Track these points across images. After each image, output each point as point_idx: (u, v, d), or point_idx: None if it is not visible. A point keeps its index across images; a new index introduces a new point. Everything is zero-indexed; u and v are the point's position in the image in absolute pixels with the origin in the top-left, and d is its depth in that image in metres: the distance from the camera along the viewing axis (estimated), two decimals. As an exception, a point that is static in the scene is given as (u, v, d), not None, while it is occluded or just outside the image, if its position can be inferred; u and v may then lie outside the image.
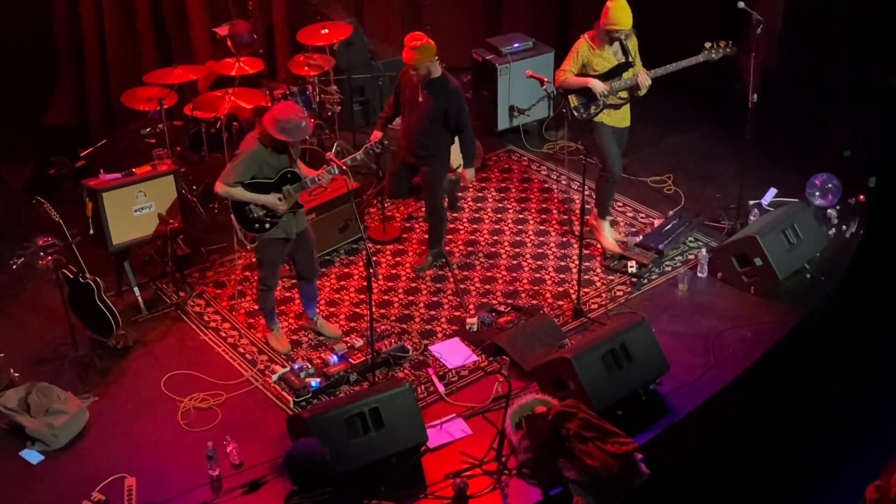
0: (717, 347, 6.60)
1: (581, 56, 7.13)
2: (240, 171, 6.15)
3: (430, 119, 6.99)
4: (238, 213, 6.25)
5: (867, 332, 7.25)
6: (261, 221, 6.26)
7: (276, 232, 6.32)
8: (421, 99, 6.93)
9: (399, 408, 5.70)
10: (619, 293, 7.22)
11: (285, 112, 6.11)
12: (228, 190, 6.15)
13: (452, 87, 6.99)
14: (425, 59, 6.79)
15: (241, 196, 6.17)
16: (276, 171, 6.24)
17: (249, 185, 6.18)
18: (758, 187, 8.11)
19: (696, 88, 9.80)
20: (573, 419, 5.56)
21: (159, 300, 7.21)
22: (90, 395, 6.32)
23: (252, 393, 6.36)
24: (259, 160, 6.18)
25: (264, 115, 6.19)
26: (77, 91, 9.20)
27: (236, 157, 6.25)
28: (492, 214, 8.25)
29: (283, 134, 6.06)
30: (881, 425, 6.66)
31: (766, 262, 6.97)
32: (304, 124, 6.15)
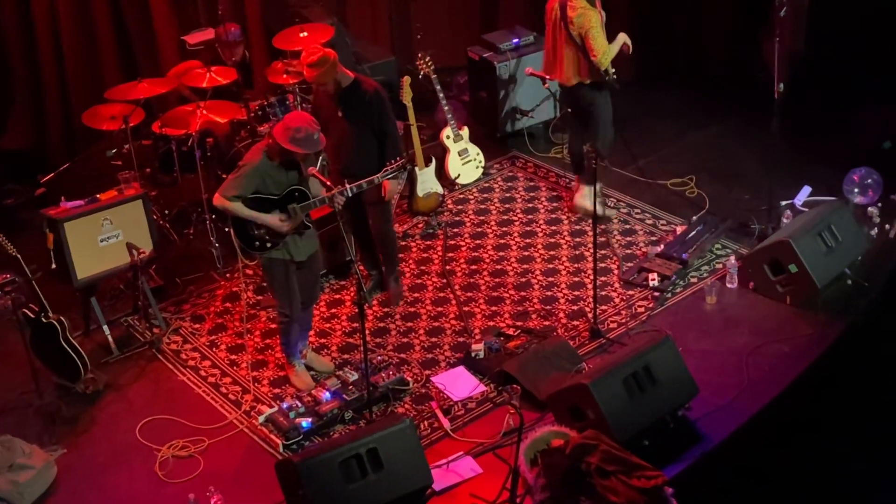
0: (752, 366, 6.58)
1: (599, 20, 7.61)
2: (241, 184, 6.16)
3: (356, 134, 6.86)
4: (237, 229, 6.26)
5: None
6: (262, 240, 6.27)
7: (280, 252, 6.32)
8: (340, 114, 6.83)
9: (400, 447, 5.67)
10: (640, 309, 7.21)
11: (296, 120, 6.14)
12: (226, 204, 6.17)
13: (367, 89, 6.85)
14: (329, 73, 6.67)
15: (240, 212, 6.18)
16: (283, 187, 6.23)
17: (251, 200, 6.17)
18: (790, 186, 8.11)
19: (716, 78, 9.85)
20: (594, 452, 5.54)
21: (131, 338, 7.21)
22: (58, 446, 6.30)
23: (237, 437, 6.34)
24: (263, 174, 6.19)
25: (273, 126, 6.22)
26: (34, 111, 9.24)
27: (238, 168, 6.27)
28: (496, 228, 8.24)
29: (293, 144, 6.07)
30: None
31: (801, 268, 6.95)
32: (318, 136, 6.16)
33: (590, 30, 7.59)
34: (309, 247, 6.44)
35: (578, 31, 7.65)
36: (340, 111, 6.82)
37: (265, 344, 7.08)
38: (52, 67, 9.12)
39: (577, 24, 7.63)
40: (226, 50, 8.40)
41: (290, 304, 6.50)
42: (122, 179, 7.59)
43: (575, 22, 7.64)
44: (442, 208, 8.36)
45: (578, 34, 7.66)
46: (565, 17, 7.70)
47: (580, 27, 7.63)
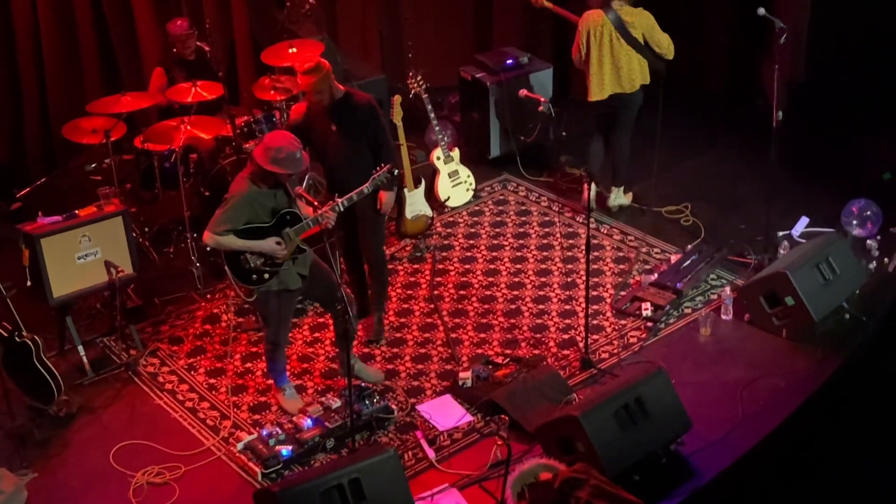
0: (747, 400, 6.58)
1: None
2: (231, 216, 6.09)
3: (351, 149, 6.84)
4: (231, 265, 6.19)
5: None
6: (259, 272, 6.21)
7: (273, 284, 6.25)
8: (334, 129, 6.80)
9: (383, 478, 5.64)
10: (632, 340, 7.21)
11: (276, 140, 6.11)
12: (219, 240, 6.09)
13: (360, 102, 6.85)
14: (324, 81, 6.66)
15: (234, 245, 6.12)
16: (273, 213, 6.19)
17: (243, 231, 6.12)
18: (787, 216, 8.15)
19: (714, 105, 9.90)
20: (583, 486, 5.50)
21: (107, 360, 7.18)
22: (29, 470, 6.24)
23: (214, 464, 6.30)
24: (252, 202, 6.13)
25: (254, 149, 6.16)
26: (11, 124, 9.23)
27: (226, 201, 6.18)
28: (486, 253, 8.25)
29: (275, 165, 6.04)
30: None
31: (798, 300, 6.97)
32: (300, 154, 6.14)
33: (654, 26, 8.11)
34: (303, 268, 6.39)
35: (643, 31, 8.11)
36: (334, 125, 6.78)
37: (245, 368, 7.05)
38: (31, 77, 9.10)
39: (640, 25, 8.10)
40: (178, 44, 8.38)
41: (278, 333, 6.50)
42: (102, 195, 7.52)
43: (637, 25, 8.08)
44: (430, 231, 8.36)
45: (646, 34, 8.11)
46: (622, 26, 8.03)
47: (644, 27, 8.10)
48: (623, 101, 8.31)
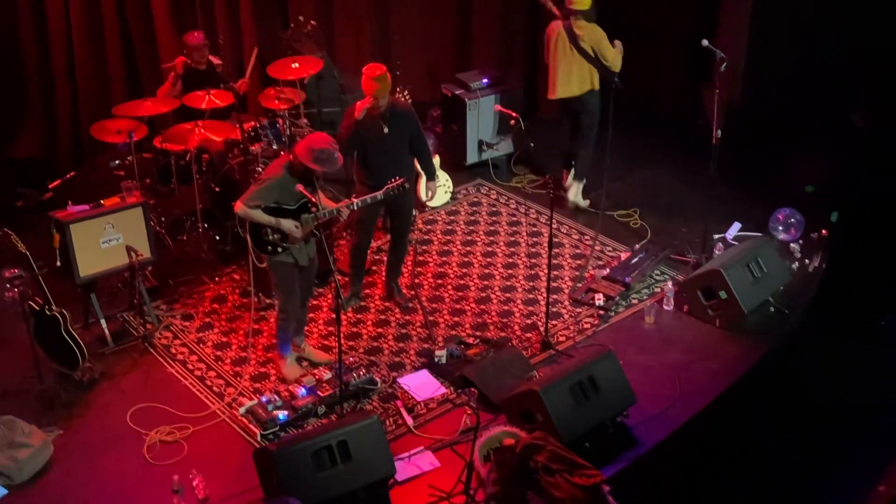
0: (684, 380, 6.61)
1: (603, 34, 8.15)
2: (262, 195, 6.19)
3: (402, 149, 6.99)
4: (254, 234, 6.29)
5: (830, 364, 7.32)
6: (274, 245, 6.31)
7: (288, 256, 6.35)
8: (386, 131, 6.86)
9: (367, 440, 5.66)
10: (586, 326, 7.24)
11: (320, 142, 6.16)
12: (248, 211, 6.19)
13: (405, 107, 7.02)
14: (387, 87, 6.75)
15: (260, 218, 6.20)
16: (297, 199, 6.26)
17: (270, 209, 6.21)
18: (722, 221, 8.20)
19: (661, 124, 9.95)
20: (541, 451, 5.54)
21: (126, 333, 7.15)
22: (55, 428, 6.23)
23: (219, 426, 6.30)
24: (283, 187, 6.22)
25: (296, 143, 6.27)
26: (46, 123, 9.17)
27: (262, 181, 6.29)
28: (461, 247, 8.27)
29: (316, 164, 6.11)
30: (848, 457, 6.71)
31: (730, 295, 7.02)
32: (337, 156, 6.19)
33: (602, 40, 8.11)
34: (311, 251, 6.50)
35: (591, 44, 8.12)
36: (386, 128, 6.81)
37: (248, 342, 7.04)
38: (64, 83, 9.06)
39: (589, 39, 8.12)
40: (195, 54, 8.34)
41: (291, 303, 6.53)
42: (125, 188, 7.54)
43: (586, 38, 8.11)
44: (413, 227, 8.35)
45: (591, 47, 8.12)
46: (574, 37, 8.09)
47: (592, 41, 8.12)
48: (580, 102, 8.41)
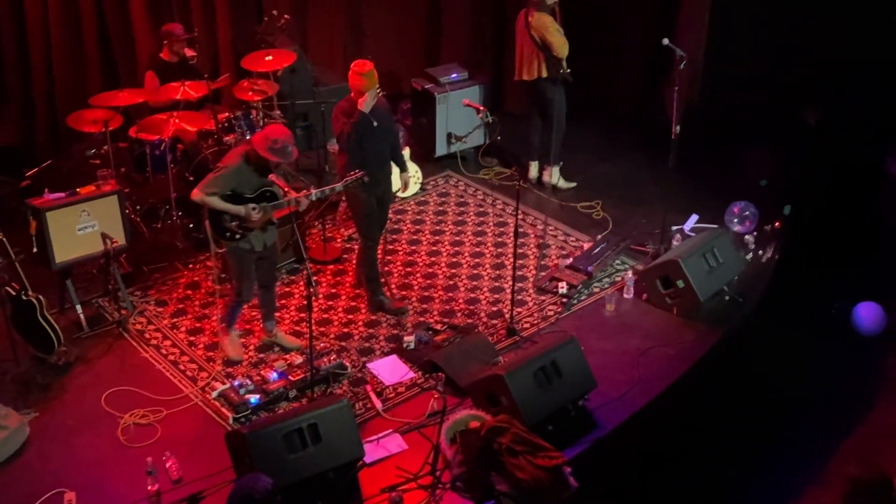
0: (643, 365, 6.63)
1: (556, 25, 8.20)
2: (220, 182, 6.13)
3: (385, 144, 6.93)
4: (213, 220, 6.23)
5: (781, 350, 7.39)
6: (232, 231, 6.25)
7: (245, 243, 6.30)
8: (376, 125, 6.74)
9: (337, 423, 5.62)
10: (550, 313, 7.24)
11: (277, 133, 6.13)
12: (205, 198, 6.12)
13: (386, 105, 6.94)
14: (374, 82, 6.66)
15: (216, 205, 6.14)
16: (255, 188, 6.21)
17: (228, 196, 6.15)
18: (680, 213, 8.21)
19: (623, 120, 9.97)
20: (505, 434, 5.55)
21: (101, 318, 7.05)
22: (31, 410, 6.14)
23: (192, 409, 6.24)
24: (241, 176, 6.17)
25: (254, 136, 6.20)
26: (23, 112, 9.05)
27: (219, 168, 6.22)
28: (429, 237, 8.23)
29: (271, 154, 6.08)
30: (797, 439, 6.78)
31: (687, 284, 7.04)
32: (292, 147, 6.18)
33: (546, 27, 8.15)
34: (269, 239, 6.44)
35: (538, 32, 8.19)
36: (375, 121, 6.71)
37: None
38: (42, 74, 8.92)
39: (536, 26, 8.19)
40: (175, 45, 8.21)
41: (243, 287, 6.48)
42: (100, 176, 7.44)
43: (534, 25, 8.19)
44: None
45: (539, 35, 8.18)
46: (528, 24, 8.24)
47: (539, 29, 8.18)
48: (536, 89, 8.50)
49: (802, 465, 6.47)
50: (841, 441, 6.70)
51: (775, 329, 7.49)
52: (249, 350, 6.78)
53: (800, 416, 6.94)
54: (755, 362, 7.28)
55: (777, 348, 7.39)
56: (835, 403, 7.06)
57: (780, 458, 6.62)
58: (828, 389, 7.21)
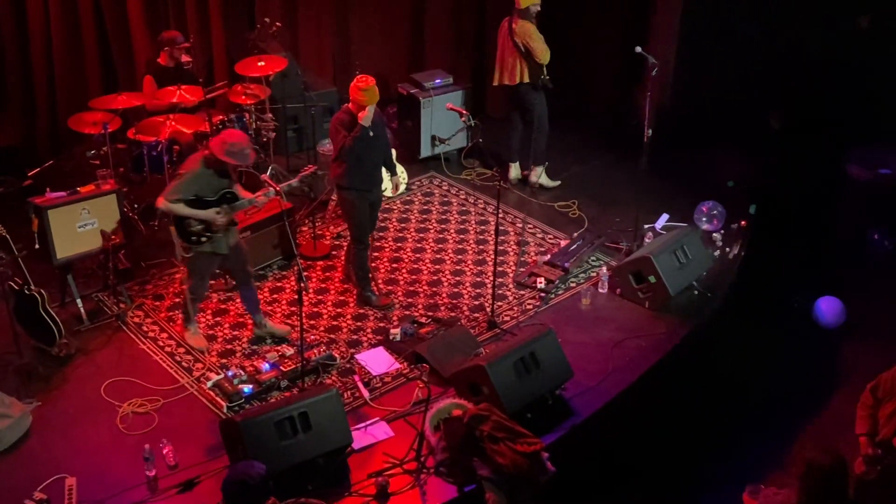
0: (616, 356, 6.66)
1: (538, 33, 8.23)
2: (182, 188, 6.10)
3: (381, 151, 6.98)
4: (179, 226, 6.21)
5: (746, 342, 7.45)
6: (198, 235, 6.22)
7: (206, 246, 6.28)
8: (372, 135, 6.75)
9: (326, 412, 5.63)
10: (529, 307, 7.26)
11: (233, 137, 6.12)
12: (170, 206, 6.10)
13: (378, 112, 6.92)
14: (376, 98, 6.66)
15: (181, 211, 6.12)
16: (216, 191, 6.19)
17: (190, 202, 6.12)
18: (652, 212, 8.24)
19: (597, 124, 9.99)
20: (487, 421, 5.57)
21: (101, 311, 7.02)
22: (33, 400, 6.12)
23: (188, 399, 6.23)
24: (201, 180, 6.14)
25: (212, 138, 6.14)
26: (26, 114, 9.00)
27: (180, 175, 6.19)
28: (414, 234, 8.24)
29: (229, 157, 6.06)
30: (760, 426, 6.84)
31: (659, 279, 7.07)
32: (249, 150, 6.17)
33: (528, 34, 8.16)
34: (232, 239, 6.42)
35: (522, 39, 8.20)
36: (371, 131, 6.71)
37: (215, 321, 6.97)
38: (43, 77, 8.87)
39: (520, 33, 8.21)
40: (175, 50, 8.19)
41: (200, 287, 6.51)
42: (100, 176, 7.41)
43: (518, 32, 8.21)
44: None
45: (522, 42, 8.19)
46: (511, 31, 8.23)
47: (522, 36, 8.19)
48: (516, 94, 8.53)
49: (765, 451, 6.52)
50: (802, 429, 6.76)
51: (741, 322, 7.56)
52: (242, 342, 6.78)
53: (763, 405, 7.01)
54: (722, 354, 7.34)
55: (743, 340, 7.45)
56: (796, 393, 7.13)
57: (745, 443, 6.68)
58: (790, 380, 7.28)
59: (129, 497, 5.43)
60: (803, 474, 4.53)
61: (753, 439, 6.68)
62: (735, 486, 5.18)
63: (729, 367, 7.24)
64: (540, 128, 8.61)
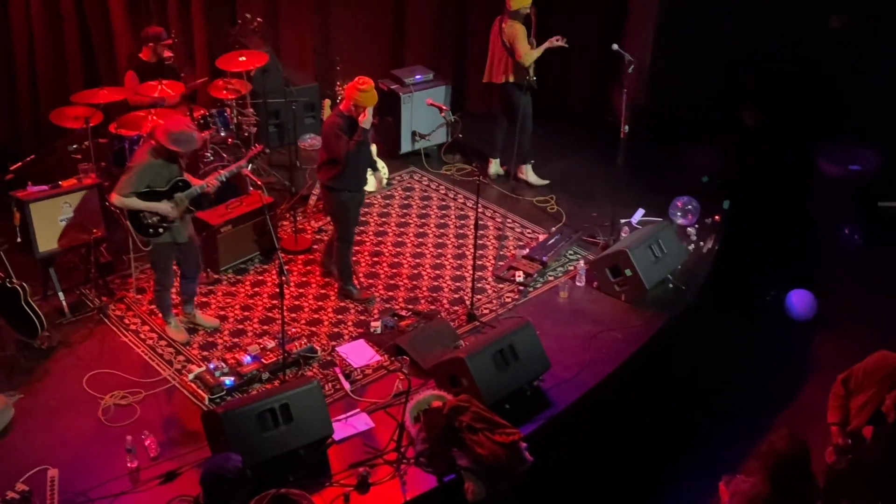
0: (593, 348, 6.67)
1: (524, 34, 8.16)
2: (133, 182, 6.04)
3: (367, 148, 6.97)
4: (133, 220, 6.15)
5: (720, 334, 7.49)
6: (154, 227, 6.18)
7: (166, 237, 6.23)
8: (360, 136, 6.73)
9: (307, 403, 5.60)
10: (507, 300, 7.26)
11: (177, 125, 6.06)
12: (123, 200, 6.05)
13: None
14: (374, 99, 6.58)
15: (136, 205, 6.07)
16: (167, 180, 6.15)
17: (143, 194, 6.07)
18: (628, 207, 8.25)
19: (575, 120, 10.00)
20: (466, 412, 5.57)
21: (83, 304, 6.96)
22: (16, 392, 6.05)
23: (169, 391, 6.18)
24: (151, 171, 6.08)
25: (156, 129, 6.09)
26: (8, 109, 8.88)
27: (129, 169, 6.13)
28: (395, 228, 8.21)
29: (175, 145, 6.01)
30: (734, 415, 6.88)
31: (635, 273, 7.08)
32: (195, 136, 6.10)
33: (515, 35, 8.14)
34: (187, 229, 6.38)
35: (509, 39, 8.20)
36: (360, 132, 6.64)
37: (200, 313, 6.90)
38: (25, 71, 8.76)
39: (507, 33, 8.21)
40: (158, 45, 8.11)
41: (165, 278, 6.46)
42: (81, 170, 7.32)
43: (506, 32, 8.22)
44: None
45: (509, 42, 8.19)
46: (501, 30, 8.26)
47: (509, 36, 8.19)
48: (502, 92, 8.50)
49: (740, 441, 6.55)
50: (775, 419, 6.80)
51: (715, 315, 7.60)
52: (224, 335, 6.74)
53: (737, 396, 7.05)
54: (697, 346, 7.37)
55: (716, 333, 7.49)
56: (769, 384, 7.18)
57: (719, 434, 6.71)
58: (763, 371, 7.33)
59: (111, 488, 5.38)
60: (767, 461, 4.55)
61: (728, 430, 6.72)
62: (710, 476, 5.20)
63: (703, 359, 7.27)
64: (523, 128, 8.56)
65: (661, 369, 6.96)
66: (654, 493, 6.34)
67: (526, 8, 8.18)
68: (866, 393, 5.35)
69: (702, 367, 7.19)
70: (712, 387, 7.01)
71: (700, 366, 7.19)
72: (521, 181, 8.85)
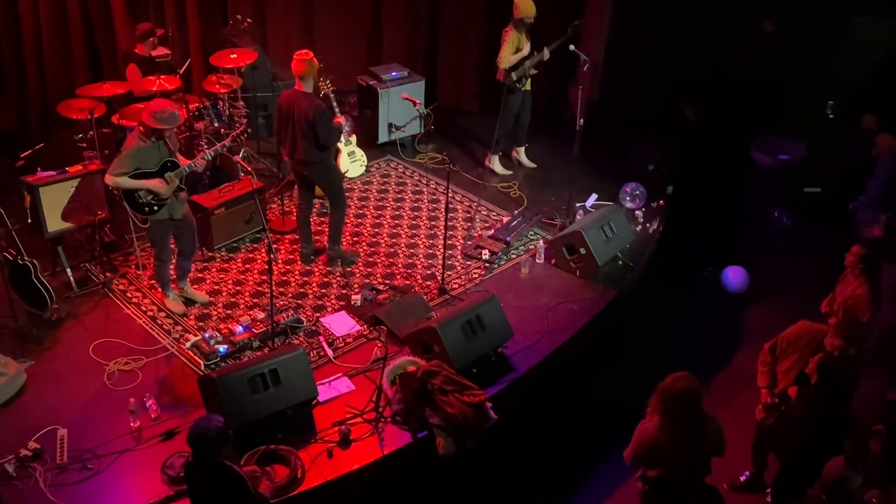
0: (551, 318, 6.71)
1: (513, 42, 8.11)
2: (124, 163, 6.00)
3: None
4: (129, 200, 6.10)
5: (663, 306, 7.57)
6: (149, 205, 6.12)
7: (162, 213, 6.18)
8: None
9: (294, 369, 5.61)
10: (475, 276, 7.29)
11: (159, 105, 6.02)
12: (116, 180, 5.99)
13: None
14: (312, 70, 6.64)
15: (128, 184, 6.01)
16: (157, 162, 6.09)
17: (135, 175, 6.02)
18: (583, 192, 8.26)
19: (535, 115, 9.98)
20: (437, 376, 5.60)
21: (88, 280, 6.90)
22: (27, 359, 6.01)
23: (169, 358, 6.17)
24: (142, 154, 6.03)
25: (142, 114, 6.05)
26: (19, 102, 8.78)
27: (121, 151, 6.09)
28: (373, 211, 8.20)
29: (161, 123, 5.96)
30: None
31: (588, 251, 7.12)
32: (176, 112, 6.06)
33: (504, 42, 8.14)
34: (183, 208, 6.34)
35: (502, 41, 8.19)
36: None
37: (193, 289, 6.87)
38: (34, 66, 8.66)
39: (502, 38, 8.18)
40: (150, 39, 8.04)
41: (163, 252, 6.42)
42: (87, 157, 7.26)
43: (503, 36, 8.19)
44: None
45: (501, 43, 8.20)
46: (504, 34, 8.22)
47: (502, 41, 8.15)
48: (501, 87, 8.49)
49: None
50: (710, 381, 6.91)
51: (659, 289, 7.68)
52: (218, 307, 6.71)
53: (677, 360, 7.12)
54: (643, 316, 7.45)
55: (660, 304, 7.57)
56: (707, 350, 7.27)
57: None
58: (701, 339, 7.42)
59: (116, 445, 5.37)
60: (660, 399, 4.63)
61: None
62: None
63: (648, 328, 7.35)
64: (501, 122, 8.52)
65: (611, 337, 7.03)
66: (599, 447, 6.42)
67: (529, 18, 8.10)
68: (790, 358, 5.45)
69: (646, 335, 7.26)
70: (655, 353, 7.09)
71: (645, 334, 7.27)
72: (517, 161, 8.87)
